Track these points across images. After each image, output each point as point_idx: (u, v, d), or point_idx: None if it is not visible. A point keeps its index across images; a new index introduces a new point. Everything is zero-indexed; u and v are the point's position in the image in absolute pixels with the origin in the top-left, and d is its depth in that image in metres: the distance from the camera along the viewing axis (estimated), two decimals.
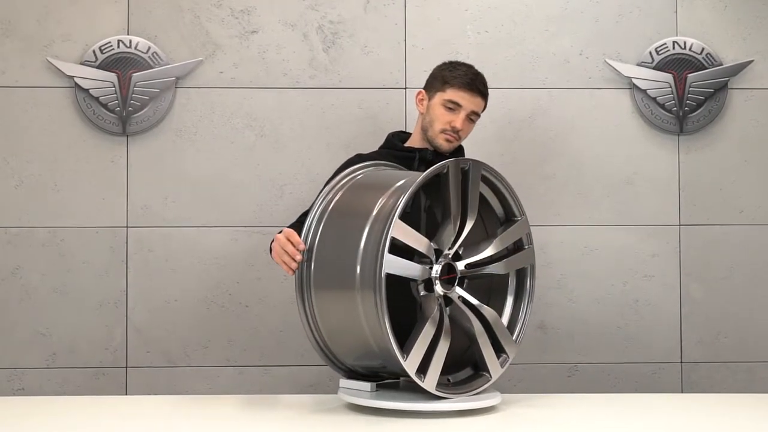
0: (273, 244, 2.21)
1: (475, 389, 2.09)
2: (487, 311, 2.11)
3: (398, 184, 2.10)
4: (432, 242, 2.05)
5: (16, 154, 3.10)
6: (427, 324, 1.99)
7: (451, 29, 3.19)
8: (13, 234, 3.09)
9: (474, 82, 2.45)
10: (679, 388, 3.17)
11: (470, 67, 2.51)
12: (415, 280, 2.05)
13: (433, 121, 2.46)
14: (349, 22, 3.17)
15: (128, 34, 3.12)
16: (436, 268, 2.04)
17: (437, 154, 2.47)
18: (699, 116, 3.18)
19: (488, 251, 2.13)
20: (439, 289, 2.04)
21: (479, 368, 2.14)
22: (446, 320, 2.03)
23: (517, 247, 2.24)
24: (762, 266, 3.20)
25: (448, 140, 2.45)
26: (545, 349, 3.17)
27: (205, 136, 3.14)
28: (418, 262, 2.04)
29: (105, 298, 3.11)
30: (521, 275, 2.27)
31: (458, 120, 2.43)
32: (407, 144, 2.55)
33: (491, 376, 2.11)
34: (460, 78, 2.44)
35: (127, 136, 3.12)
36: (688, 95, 3.18)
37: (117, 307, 3.10)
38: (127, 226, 3.11)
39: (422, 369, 1.99)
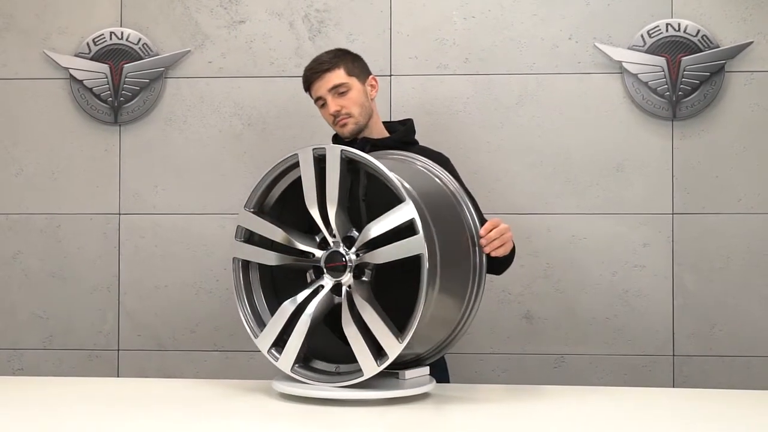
0: None
1: (342, 382, 1.99)
2: (362, 305, 1.96)
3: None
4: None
5: (17, 143, 3.23)
6: (283, 305, 2.04)
7: (437, 15, 3.15)
8: (14, 220, 3.22)
9: (312, 70, 2.49)
10: (671, 382, 3.07)
11: (312, 60, 2.53)
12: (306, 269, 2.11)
13: (326, 121, 2.55)
14: (334, 10, 3.18)
15: (121, 26, 3.20)
16: (318, 256, 2.04)
17: (369, 140, 2.51)
18: (693, 101, 3.07)
19: (360, 239, 1.99)
20: (327, 277, 2.04)
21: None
22: (311, 306, 2.02)
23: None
24: (760, 256, 3.07)
25: (341, 125, 2.50)
26: (531, 340, 3.12)
27: (193, 124, 3.20)
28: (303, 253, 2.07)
29: (98, 282, 3.21)
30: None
31: (331, 106, 2.47)
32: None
33: (362, 372, 1.97)
34: (304, 78, 2.52)
35: (120, 125, 3.21)
36: (683, 79, 3.06)
37: (110, 292, 3.20)
38: (119, 213, 3.20)
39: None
